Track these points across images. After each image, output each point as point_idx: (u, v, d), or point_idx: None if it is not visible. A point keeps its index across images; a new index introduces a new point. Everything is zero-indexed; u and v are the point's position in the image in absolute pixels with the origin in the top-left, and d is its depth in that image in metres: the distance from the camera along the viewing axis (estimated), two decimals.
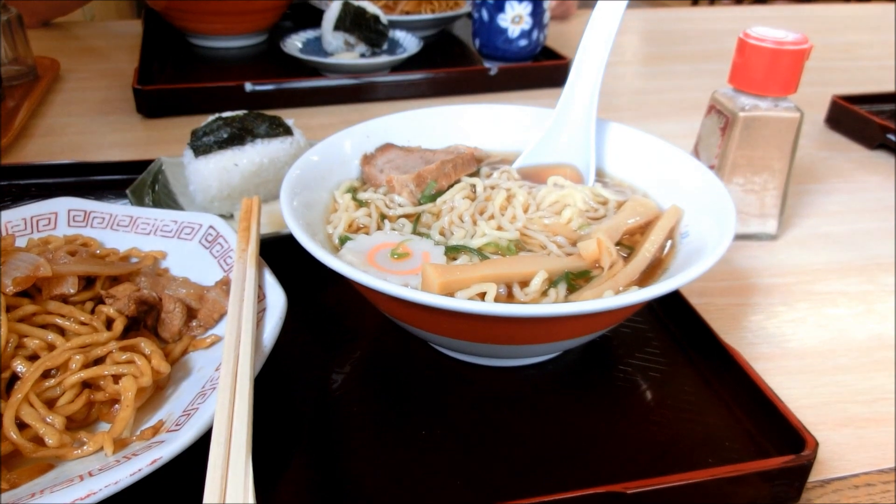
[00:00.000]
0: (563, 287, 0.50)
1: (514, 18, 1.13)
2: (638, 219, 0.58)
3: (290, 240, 0.63)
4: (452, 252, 0.53)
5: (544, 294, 0.50)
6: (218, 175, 0.69)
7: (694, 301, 0.62)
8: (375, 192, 0.61)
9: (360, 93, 1.09)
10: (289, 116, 0.76)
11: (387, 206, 0.59)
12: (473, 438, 0.50)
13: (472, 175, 0.64)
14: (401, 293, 0.42)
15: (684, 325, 0.60)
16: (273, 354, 0.49)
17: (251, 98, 1.03)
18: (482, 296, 0.48)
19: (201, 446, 0.40)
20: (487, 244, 0.53)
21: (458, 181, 0.63)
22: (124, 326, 0.51)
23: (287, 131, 0.73)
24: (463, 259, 0.52)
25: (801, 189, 0.88)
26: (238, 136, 0.71)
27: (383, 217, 0.59)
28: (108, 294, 0.54)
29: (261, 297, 0.53)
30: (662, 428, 0.51)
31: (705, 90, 1.23)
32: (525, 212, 0.58)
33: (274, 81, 1.05)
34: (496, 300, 0.48)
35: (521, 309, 0.42)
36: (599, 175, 0.66)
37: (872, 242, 0.78)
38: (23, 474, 0.42)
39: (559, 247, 0.55)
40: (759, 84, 0.71)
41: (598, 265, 0.53)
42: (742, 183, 0.74)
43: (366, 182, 0.63)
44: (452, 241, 0.54)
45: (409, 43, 1.22)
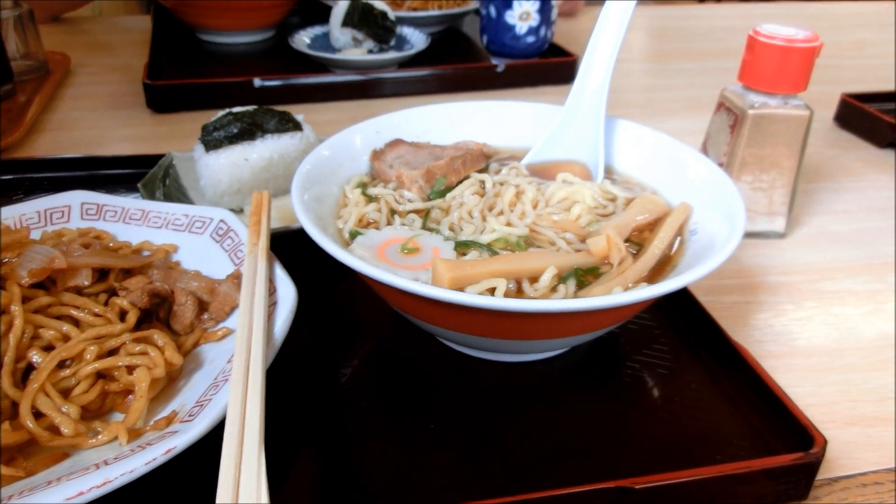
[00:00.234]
0: (572, 283, 0.50)
1: (522, 15, 1.13)
2: (647, 216, 0.58)
3: (300, 234, 0.63)
4: (462, 247, 0.53)
5: (553, 290, 0.50)
6: (228, 170, 0.69)
7: (701, 298, 0.62)
8: (385, 188, 0.61)
9: (367, 89, 1.10)
10: (297, 112, 0.77)
11: (396, 202, 0.60)
12: (481, 432, 0.50)
13: (481, 171, 0.65)
14: (412, 287, 0.43)
15: (692, 322, 0.60)
16: (283, 347, 0.49)
17: (260, 93, 1.03)
18: (492, 291, 0.48)
19: (213, 437, 0.41)
20: (497, 240, 0.54)
21: (468, 177, 0.63)
22: (137, 318, 0.52)
23: (297, 126, 0.73)
24: (473, 254, 0.53)
25: (810, 187, 0.88)
26: (248, 131, 0.71)
27: (393, 212, 0.59)
28: (122, 286, 0.54)
29: (271, 290, 0.53)
30: (670, 424, 0.52)
31: (713, 87, 1.23)
32: (534, 208, 0.58)
33: (282, 77, 1.05)
34: (506, 296, 0.48)
35: (531, 304, 0.42)
36: (608, 172, 0.66)
37: (881, 241, 0.78)
38: (39, 462, 0.43)
39: (568, 243, 0.55)
40: (768, 82, 0.71)
41: (607, 262, 0.53)
42: (751, 181, 0.74)
43: (375, 177, 0.64)
44: (462, 237, 0.55)
45: (417, 39, 1.22)
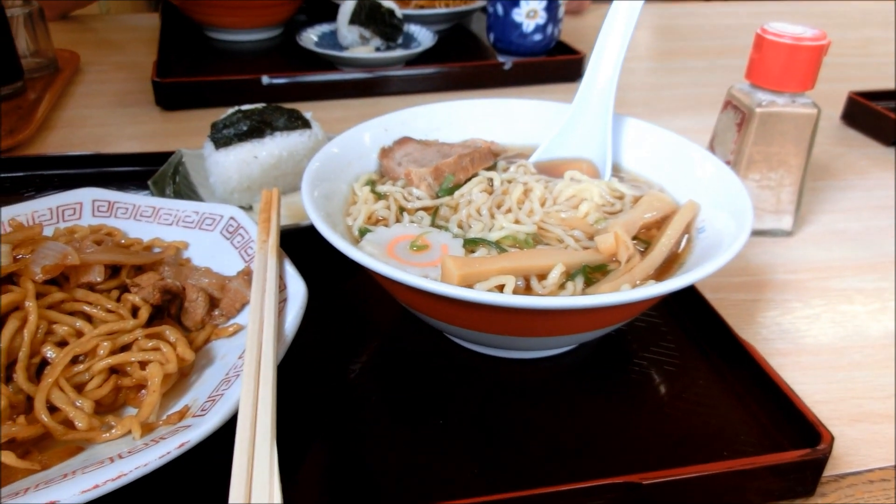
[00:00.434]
0: (580, 280, 0.51)
1: (529, 13, 1.13)
2: (654, 213, 0.58)
3: (309, 231, 0.64)
4: (471, 245, 0.54)
5: (562, 287, 0.50)
6: (238, 167, 0.70)
7: (709, 296, 0.62)
8: (394, 185, 0.61)
9: (374, 87, 1.10)
10: (304, 109, 0.77)
11: (405, 199, 0.60)
12: (490, 428, 0.51)
13: (489, 169, 0.65)
14: (422, 284, 0.43)
15: (699, 320, 0.61)
16: (293, 343, 0.50)
17: (268, 91, 1.04)
18: (501, 288, 0.49)
19: (225, 432, 0.41)
20: (505, 237, 0.54)
21: (476, 175, 0.63)
22: (149, 315, 0.52)
23: (305, 124, 0.74)
24: (481, 252, 0.53)
25: (817, 185, 0.88)
26: (257, 128, 0.71)
27: (402, 210, 0.59)
28: (133, 283, 0.55)
29: (282, 287, 0.54)
30: (677, 421, 0.52)
31: (720, 86, 1.22)
32: (542, 206, 0.59)
33: (290, 75, 1.05)
34: (514, 292, 0.49)
35: (540, 301, 0.43)
36: (615, 170, 0.66)
37: (888, 239, 0.78)
38: (53, 456, 0.43)
39: (576, 240, 0.55)
40: (776, 80, 0.71)
41: (615, 259, 0.53)
42: (758, 179, 0.74)
43: (384, 175, 0.64)
44: (471, 234, 0.55)
45: (424, 37, 1.22)
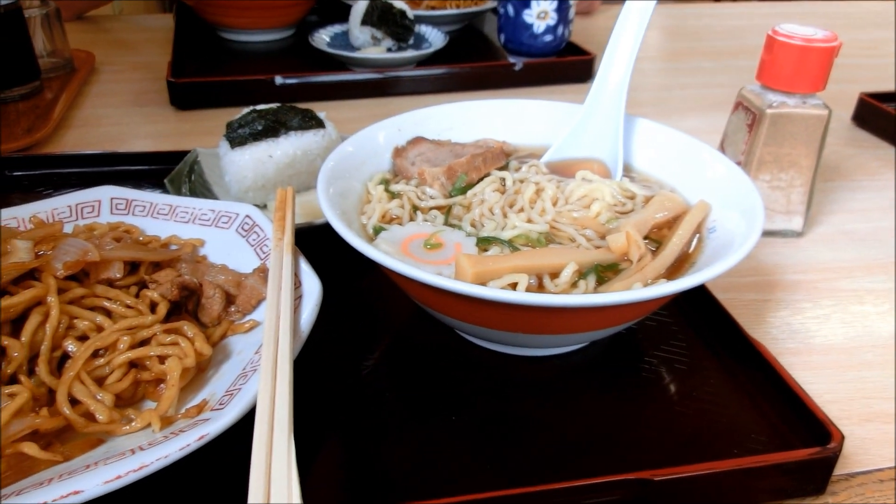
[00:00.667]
0: (592, 279, 0.51)
1: (540, 14, 1.14)
2: (665, 213, 0.59)
3: (323, 229, 0.65)
4: (484, 243, 0.54)
5: (574, 285, 0.51)
6: (253, 166, 0.71)
7: (719, 296, 0.62)
8: (407, 185, 0.62)
9: (386, 87, 1.11)
10: (317, 109, 0.78)
11: (418, 198, 0.61)
12: (501, 424, 0.51)
13: (501, 169, 0.66)
14: (437, 282, 0.44)
15: (710, 319, 0.61)
16: (308, 339, 0.50)
17: (281, 91, 1.05)
18: (514, 286, 0.49)
19: (242, 426, 0.42)
20: (518, 236, 0.55)
21: (488, 174, 0.64)
22: (167, 310, 0.53)
23: (319, 124, 0.74)
24: (494, 250, 0.54)
25: (827, 186, 0.88)
26: (272, 128, 0.72)
27: (415, 208, 0.60)
28: (152, 279, 0.56)
29: (297, 284, 0.55)
30: (688, 419, 0.52)
31: (730, 86, 1.23)
32: (554, 205, 0.59)
33: (303, 75, 1.06)
34: (527, 290, 0.49)
35: (553, 299, 0.43)
36: (626, 170, 0.67)
37: None
38: (75, 448, 0.44)
39: (588, 240, 0.56)
40: (787, 81, 0.71)
41: (626, 258, 0.54)
42: (768, 179, 0.75)
43: (397, 174, 0.65)
44: (484, 233, 0.56)
45: (435, 38, 1.23)
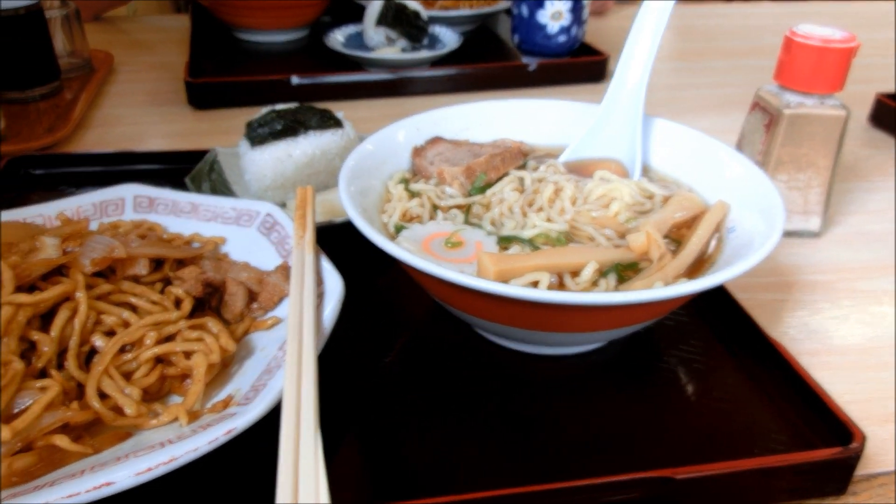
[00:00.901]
0: (612, 277, 0.52)
1: (554, 14, 1.14)
2: (684, 213, 0.59)
3: (342, 228, 0.65)
4: (504, 242, 0.55)
5: (594, 284, 0.51)
6: (273, 165, 0.71)
7: (736, 296, 0.63)
8: (427, 184, 0.62)
9: (400, 87, 1.11)
10: (332, 109, 0.78)
11: (438, 197, 0.61)
12: (522, 422, 0.52)
13: (519, 168, 0.66)
14: (463, 280, 0.44)
15: (728, 319, 0.61)
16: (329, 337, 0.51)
17: (297, 91, 1.05)
18: (535, 284, 0.50)
19: (267, 421, 0.43)
20: (538, 235, 0.55)
21: (507, 174, 0.64)
22: (191, 307, 0.54)
23: (338, 124, 0.75)
24: (515, 249, 0.54)
25: (844, 187, 0.88)
26: (291, 127, 0.73)
27: (435, 207, 0.61)
28: (176, 276, 0.56)
29: (318, 281, 0.55)
30: (707, 418, 0.52)
31: (743, 86, 1.22)
32: (573, 205, 0.59)
33: (319, 75, 1.07)
34: (548, 289, 0.50)
35: (578, 297, 0.44)
36: (644, 170, 0.67)
37: None
38: (104, 441, 0.45)
39: (608, 239, 0.56)
40: (805, 82, 0.71)
41: (646, 257, 0.54)
42: (786, 180, 0.75)
43: (416, 173, 0.65)
44: (504, 232, 0.56)
45: (449, 38, 1.24)
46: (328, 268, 0.56)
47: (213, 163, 0.77)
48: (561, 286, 0.51)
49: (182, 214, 0.66)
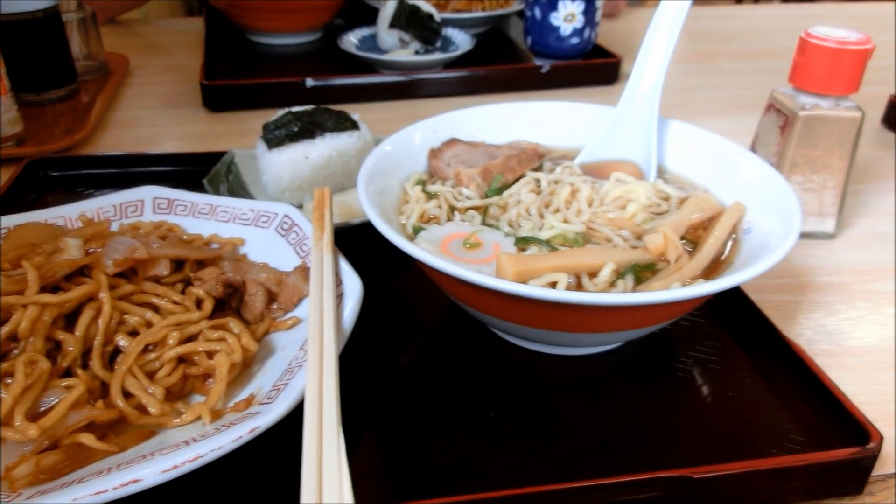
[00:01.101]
0: (630, 278, 0.52)
1: (567, 17, 1.14)
2: (701, 214, 0.59)
3: (358, 229, 0.66)
4: (522, 243, 0.55)
5: (612, 285, 0.52)
6: (290, 167, 0.72)
7: (751, 297, 0.63)
8: (443, 185, 0.63)
9: (414, 89, 1.12)
10: (347, 111, 0.79)
11: (455, 199, 0.62)
12: (538, 421, 0.52)
13: (535, 170, 0.66)
14: (483, 281, 0.45)
15: (744, 320, 0.61)
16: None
17: (311, 93, 1.06)
18: (553, 285, 0.50)
19: (289, 421, 0.43)
20: (556, 236, 0.55)
21: (523, 175, 0.65)
22: (212, 307, 0.55)
23: (354, 126, 0.76)
24: (532, 250, 0.54)
25: (858, 188, 0.88)
26: (308, 129, 0.74)
27: (452, 209, 0.61)
28: (196, 277, 0.57)
29: (337, 282, 0.56)
30: (724, 418, 0.53)
31: (756, 88, 1.22)
32: (589, 206, 0.60)
33: (334, 77, 1.08)
34: (567, 289, 0.50)
35: (598, 297, 0.44)
36: (659, 171, 0.67)
37: None
38: (129, 439, 0.46)
39: (624, 240, 0.56)
40: (820, 83, 0.72)
41: (663, 258, 0.54)
42: (801, 181, 0.75)
43: (433, 175, 0.66)
44: (521, 233, 0.56)
45: (462, 41, 1.24)
46: (346, 269, 0.57)
47: (230, 164, 0.78)
48: (579, 287, 0.51)
49: (200, 216, 0.66)
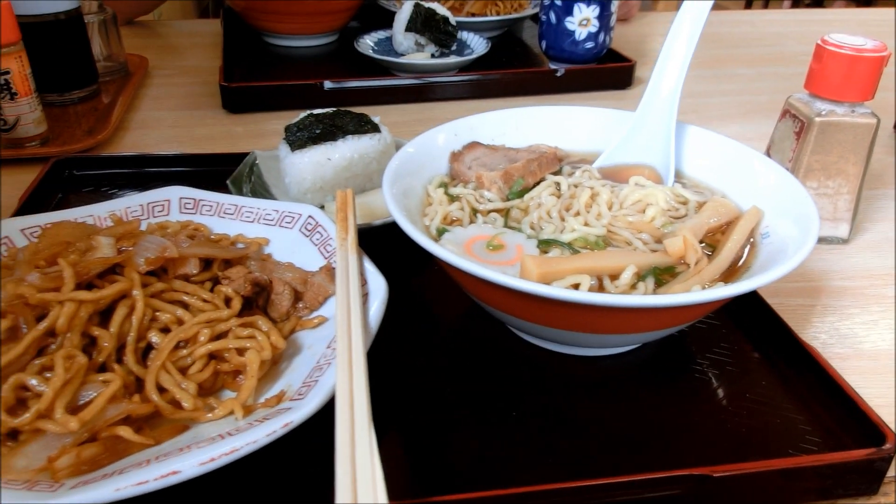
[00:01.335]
0: (650, 281, 0.53)
1: (582, 21, 1.15)
2: (719, 219, 0.60)
3: (380, 230, 0.67)
4: (544, 245, 0.56)
5: (633, 287, 0.53)
6: (312, 169, 0.73)
7: (767, 300, 0.64)
8: (465, 188, 0.64)
9: (430, 92, 1.13)
10: (365, 113, 0.80)
11: (477, 201, 0.63)
12: (559, 420, 0.53)
13: (554, 173, 0.68)
14: (509, 282, 0.46)
15: (760, 323, 0.62)
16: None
17: (329, 95, 1.07)
18: (576, 286, 0.51)
19: (319, 418, 0.45)
20: (577, 239, 0.56)
21: (543, 179, 0.66)
22: (240, 305, 0.56)
23: (375, 128, 0.77)
24: (554, 252, 0.56)
25: (871, 194, 0.89)
26: (330, 132, 0.75)
27: (475, 211, 0.62)
28: (224, 275, 0.58)
29: (362, 282, 0.57)
30: (742, 419, 0.54)
31: (769, 93, 1.23)
32: (609, 209, 0.61)
33: (352, 80, 1.09)
34: (589, 291, 0.51)
35: (624, 299, 0.45)
36: (677, 176, 0.69)
37: None
38: (163, 433, 0.47)
39: (644, 243, 0.58)
40: (836, 90, 0.72)
41: (683, 262, 0.55)
42: (815, 187, 0.76)
43: (454, 178, 0.67)
44: (543, 236, 0.58)
45: (477, 44, 1.25)
46: (371, 269, 0.58)
47: (252, 165, 0.80)
48: (601, 289, 0.53)
49: (226, 216, 0.68)
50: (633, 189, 0.63)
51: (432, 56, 1.20)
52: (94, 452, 0.43)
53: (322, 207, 0.75)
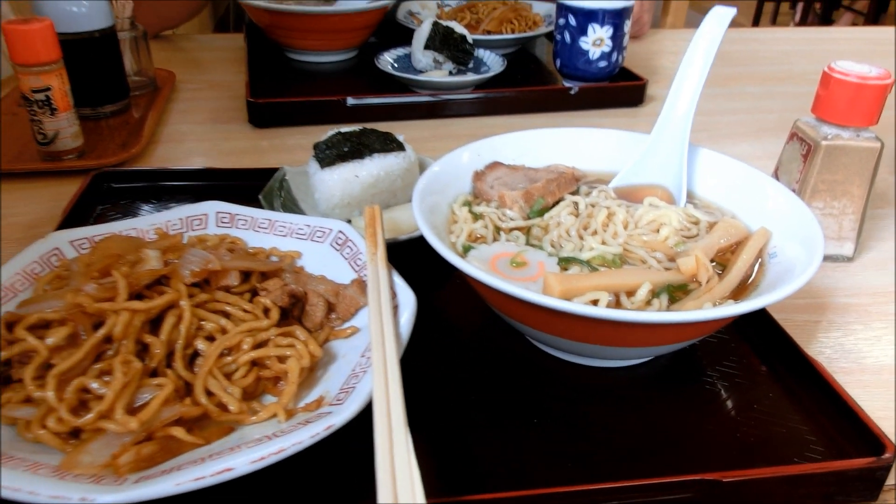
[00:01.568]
0: (664, 297, 0.57)
1: (596, 41, 1.19)
2: (729, 239, 0.64)
3: (405, 245, 0.71)
4: (564, 263, 0.60)
5: (648, 303, 0.56)
6: (341, 185, 0.77)
7: (774, 316, 0.67)
8: (488, 207, 0.68)
9: (447, 109, 1.17)
10: (383, 128, 0.83)
11: (500, 220, 0.67)
12: (576, 427, 0.56)
13: (572, 193, 0.71)
14: (535, 299, 0.49)
15: (767, 338, 0.66)
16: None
17: (351, 111, 1.11)
18: (595, 302, 0.55)
19: (356, 423, 0.48)
20: (595, 257, 0.60)
21: (562, 198, 0.70)
22: (278, 316, 0.60)
23: (400, 147, 0.81)
24: (574, 269, 0.59)
25: (875, 213, 0.92)
26: (357, 150, 0.79)
27: (497, 229, 0.66)
28: (262, 287, 0.62)
29: (392, 294, 0.60)
30: (749, 428, 0.57)
31: (778, 112, 1.26)
32: (625, 228, 0.64)
33: (372, 96, 1.13)
34: (607, 307, 0.55)
35: (639, 315, 0.49)
36: (689, 196, 0.72)
37: None
38: (212, 434, 0.50)
39: (658, 262, 0.61)
40: (841, 115, 0.76)
41: (695, 280, 0.59)
42: (821, 207, 0.79)
43: (477, 196, 0.71)
44: (563, 254, 0.61)
45: (493, 62, 1.29)
46: (399, 282, 0.61)
47: (282, 181, 0.83)
48: (617, 304, 0.56)
49: (260, 230, 0.71)
50: (647, 209, 0.66)
51: (450, 73, 1.24)
52: (152, 451, 0.47)
53: (349, 222, 0.79)
